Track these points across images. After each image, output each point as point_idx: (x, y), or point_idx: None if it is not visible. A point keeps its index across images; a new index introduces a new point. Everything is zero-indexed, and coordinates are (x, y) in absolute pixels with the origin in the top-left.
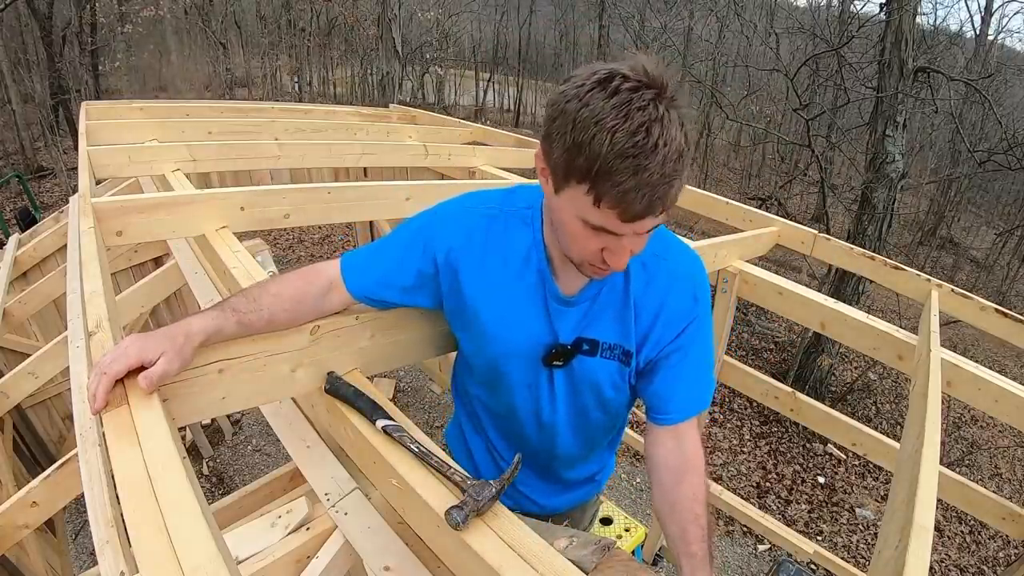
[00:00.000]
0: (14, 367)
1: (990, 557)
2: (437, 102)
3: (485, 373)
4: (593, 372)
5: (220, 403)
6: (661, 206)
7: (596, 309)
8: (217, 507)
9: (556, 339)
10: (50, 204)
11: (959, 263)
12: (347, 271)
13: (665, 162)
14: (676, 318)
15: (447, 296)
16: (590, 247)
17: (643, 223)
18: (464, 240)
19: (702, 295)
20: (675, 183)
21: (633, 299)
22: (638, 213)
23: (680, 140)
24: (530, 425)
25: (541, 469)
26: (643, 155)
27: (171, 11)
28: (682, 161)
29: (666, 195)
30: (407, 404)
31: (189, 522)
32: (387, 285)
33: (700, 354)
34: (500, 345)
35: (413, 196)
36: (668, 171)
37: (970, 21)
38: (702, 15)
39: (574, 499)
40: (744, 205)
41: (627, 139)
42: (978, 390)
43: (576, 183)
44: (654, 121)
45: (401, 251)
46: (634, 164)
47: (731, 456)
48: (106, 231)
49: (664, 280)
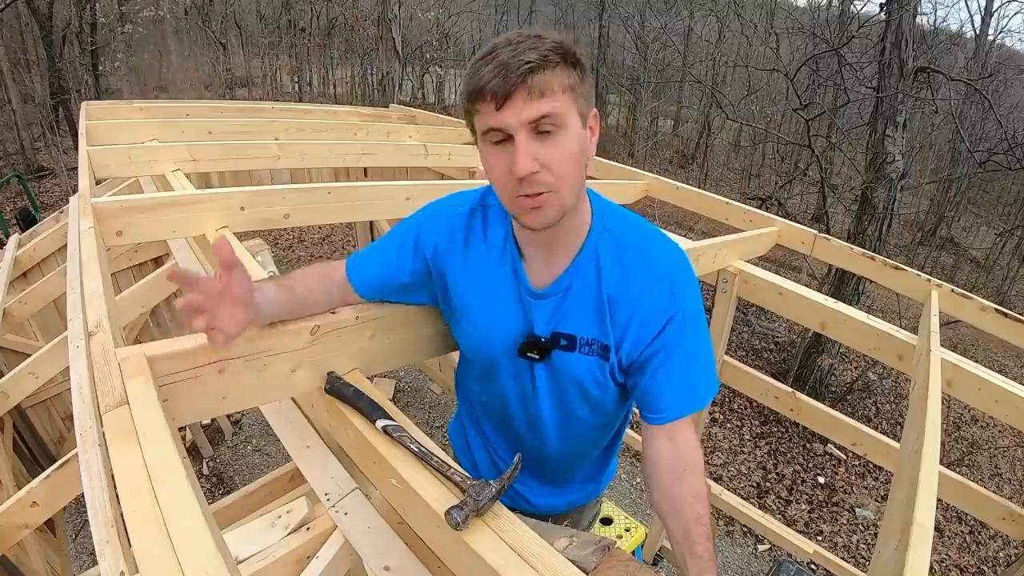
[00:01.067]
0: (14, 367)
1: (990, 557)
2: (437, 102)
3: (478, 366)
4: (573, 368)
5: (220, 403)
6: (526, 87)
7: (569, 303)
8: (217, 507)
9: (532, 330)
10: (50, 204)
11: (959, 263)
12: (352, 272)
13: (520, 50)
14: (654, 316)
15: (440, 293)
16: (502, 172)
17: (521, 106)
18: (447, 237)
19: (683, 290)
20: (540, 71)
21: (607, 294)
22: (499, 90)
23: (546, 45)
24: (520, 421)
25: (536, 469)
26: (498, 51)
27: (171, 11)
28: (543, 52)
29: (528, 76)
30: (407, 404)
31: (189, 522)
32: (388, 284)
33: (689, 352)
34: (485, 337)
35: (413, 196)
36: (525, 57)
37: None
38: (702, 15)
39: (571, 501)
40: (744, 205)
41: (486, 50)
42: (978, 390)
43: (467, 112)
44: (515, 40)
45: (396, 252)
46: (489, 58)
47: (731, 456)
48: (106, 231)
49: (640, 276)
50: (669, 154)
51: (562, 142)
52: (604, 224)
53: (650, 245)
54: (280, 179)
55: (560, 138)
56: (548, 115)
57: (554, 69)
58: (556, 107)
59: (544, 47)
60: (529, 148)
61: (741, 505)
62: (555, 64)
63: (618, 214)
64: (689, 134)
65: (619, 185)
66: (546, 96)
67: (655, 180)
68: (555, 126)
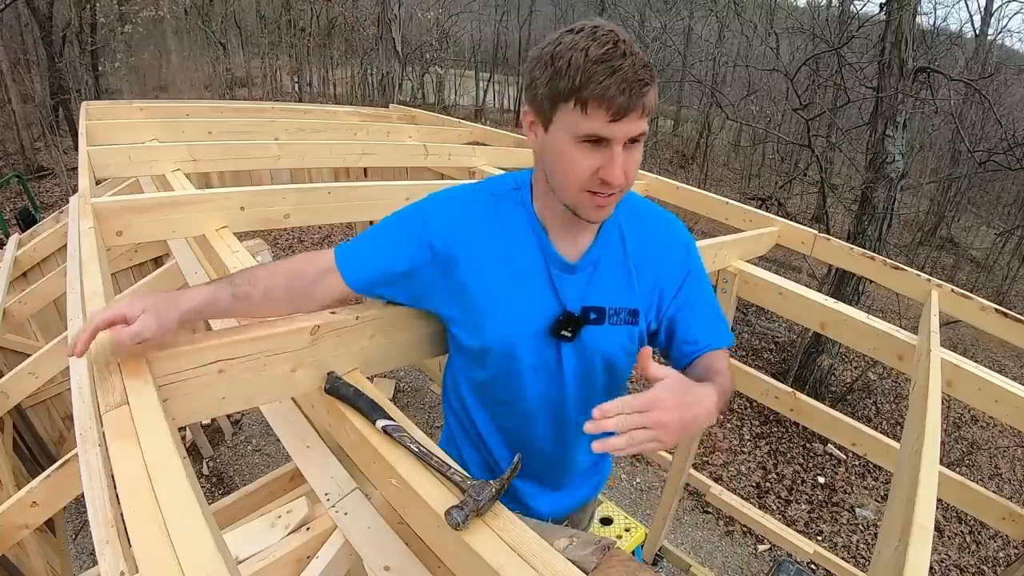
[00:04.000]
0: (14, 367)
1: (990, 557)
2: (437, 102)
3: (493, 364)
4: (603, 342)
5: (220, 403)
6: (641, 106)
7: (599, 275)
8: (217, 507)
9: (563, 307)
10: (50, 204)
11: (959, 263)
12: (343, 260)
13: (636, 66)
14: (674, 274)
15: (441, 288)
16: (585, 170)
17: (630, 122)
18: (457, 226)
19: (693, 250)
20: (649, 88)
21: (632, 259)
22: (622, 106)
23: (644, 56)
24: (535, 415)
25: (544, 473)
26: (615, 59)
27: (171, 11)
28: (651, 72)
29: (644, 95)
30: (407, 404)
31: (189, 522)
32: (383, 274)
33: (708, 295)
34: (505, 325)
35: (413, 196)
36: (641, 74)
37: (970, 21)
38: (702, 15)
39: (576, 500)
40: (744, 205)
41: (599, 50)
42: (978, 390)
43: (563, 104)
44: (619, 40)
45: (396, 239)
46: (609, 67)
47: (731, 456)
48: (106, 231)
49: (659, 240)
50: (669, 154)
51: (638, 153)
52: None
53: (658, 213)
54: (280, 179)
55: (638, 149)
56: (643, 132)
57: (655, 86)
58: (647, 125)
59: (645, 60)
60: (623, 159)
61: (741, 505)
62: (655, 81)
63: None
64: (689, 134)
65: None
66: (647, 114)
67: (655, 180)
68: (641, 140)
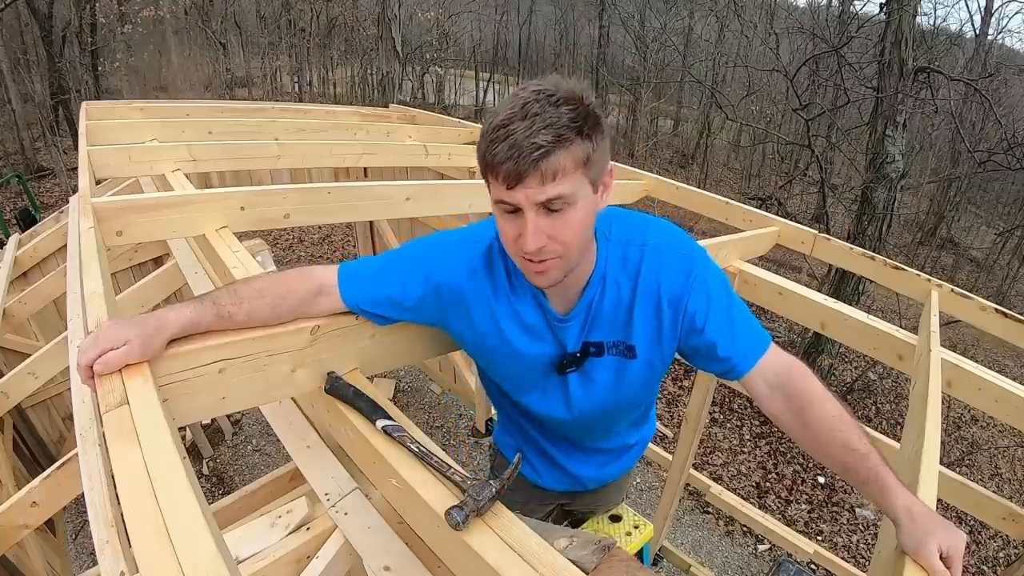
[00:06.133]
0: (14, 367)
1: (990, 557)
2: (437, 102)
3: (508, 384)
4: (603, 368)
5: (220, 403)
6: (539, 171)
7: (593, 316)
8: (217, 507)
9: (564, 349)
10: (50, 204)
11: (959, 263)
12: (345, 281)
13: (533, 130)
14: (676, 302)
15: (452, 320)
16: (508, 237)
17: (528, 188)
18: (465, 271)
19: (694, 266)
20: (553, 153)
21: (624, 302)
22: (510, 172)
23: (561, 120)
24: (554, 423)
25: (579, 447)
26: (513, 123)
27: (171, 11)
28: (561, 138)
29: (538, 160)
30: (407, 404)
31: (189, 522)
32: (386, 303)
33: (725, 311)
34: (518, 360)
35: (413, 196)
36: (539, 139)
37: (970, 21)
38: (702, 15)
39: (619, 469)
40: (744, 205)
41: (503, 115)
42: (978, 390)
43: (484, 171)
44: (530, 102)
45: (403, 275)
46: (504, 132)
47: (731, 456)
48: (106, 231)
49: (649, 267)
50: (669, 154)
51: (570, 216)
52: (607, 236)
53: (649, 231)
54: (280, 179)
55: (569, 214)
56: (559, 197)
57: (568, 148)
58: (566, 189)
59: (560, 122)
60: (539, 225)
61: (741, 505)
62: (569, 142)
63: (614, 217)
64: (689, 134)
65: (619, 185)
66: (557, 178)
67: (655, 180)
68: (566, 204)
